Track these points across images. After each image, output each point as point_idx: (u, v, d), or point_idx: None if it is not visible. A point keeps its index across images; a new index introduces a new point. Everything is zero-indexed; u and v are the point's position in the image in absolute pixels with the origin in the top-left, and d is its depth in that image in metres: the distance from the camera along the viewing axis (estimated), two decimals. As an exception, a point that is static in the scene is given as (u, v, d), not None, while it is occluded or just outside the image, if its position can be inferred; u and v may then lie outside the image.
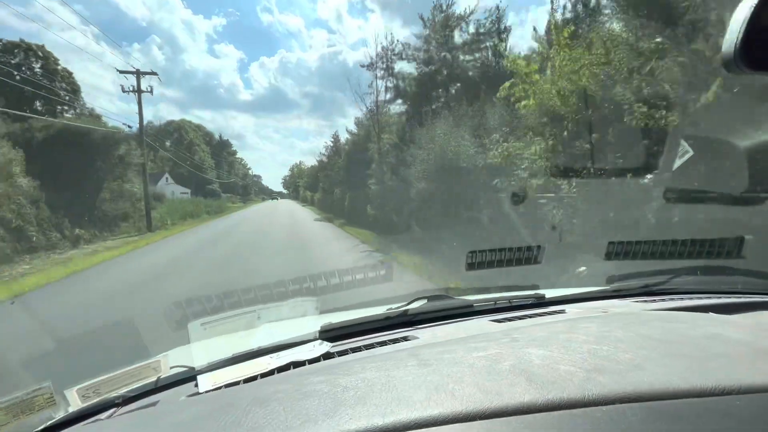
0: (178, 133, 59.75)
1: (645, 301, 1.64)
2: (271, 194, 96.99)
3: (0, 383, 2.56)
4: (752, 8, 0.65)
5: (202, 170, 56.92)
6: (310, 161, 53.86)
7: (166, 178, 48.20)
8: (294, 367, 1.13)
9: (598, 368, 0.70)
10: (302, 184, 56.93)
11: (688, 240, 2.71)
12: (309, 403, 0.66)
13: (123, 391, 1.07)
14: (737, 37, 0.67)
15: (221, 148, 74.75)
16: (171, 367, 1.19)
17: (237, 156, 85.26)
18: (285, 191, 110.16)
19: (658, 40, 4.83)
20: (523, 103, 6.59)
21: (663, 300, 1.62)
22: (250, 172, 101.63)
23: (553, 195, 6.04)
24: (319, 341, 1.29)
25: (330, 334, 1.34)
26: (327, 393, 0.69)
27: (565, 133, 5.83)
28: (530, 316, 1.48)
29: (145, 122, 21.32)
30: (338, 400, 0.66)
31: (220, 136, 78.11)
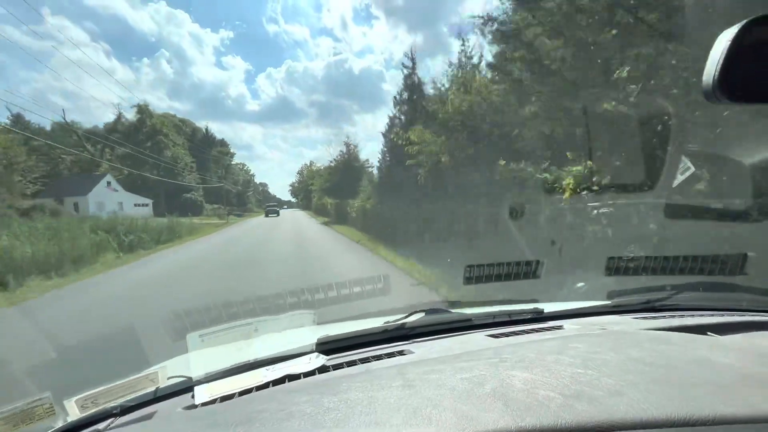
0: (139, 119, 42.61)
1: (645, 317, 1.62)
2: (268, 203, 61.15)
3: None
4: (729, 42, 0.68)
5: (175, 174, 40.68)
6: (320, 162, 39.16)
7: (108, 183, 33.02)
8: (289, 380, 1.14)
9: (577, 394, 0.71)
10: (317, 187, 37.63)
11: (689, 256, 2.69)
12: (290, 425, 0.68)
13: (121, 401, 1.09)
14: (716, 69, 0.69)
15: (208, 146, 55.36)
16: (168, 378, 1.20)
17: (234, 158, 67.80)
18: (293, 199, 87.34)
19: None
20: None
21: (663, 317, 1.60)
22: (253, 179, 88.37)
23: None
24: (316, 354, 1.30)
25: (327, 346, 1.34)
26: (308, 414, 0.71)
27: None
28: (527, 332, 1.47)
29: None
30: (318, 422, 0.68)
31: (206, 130, 58.74)
